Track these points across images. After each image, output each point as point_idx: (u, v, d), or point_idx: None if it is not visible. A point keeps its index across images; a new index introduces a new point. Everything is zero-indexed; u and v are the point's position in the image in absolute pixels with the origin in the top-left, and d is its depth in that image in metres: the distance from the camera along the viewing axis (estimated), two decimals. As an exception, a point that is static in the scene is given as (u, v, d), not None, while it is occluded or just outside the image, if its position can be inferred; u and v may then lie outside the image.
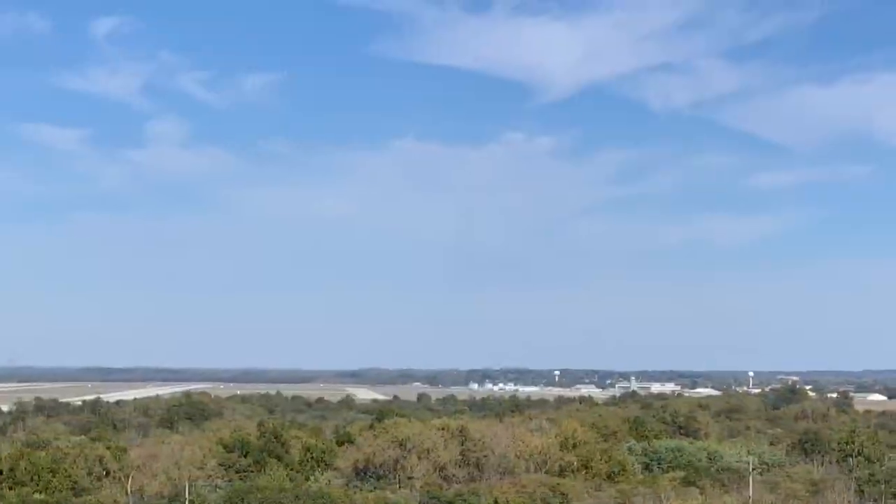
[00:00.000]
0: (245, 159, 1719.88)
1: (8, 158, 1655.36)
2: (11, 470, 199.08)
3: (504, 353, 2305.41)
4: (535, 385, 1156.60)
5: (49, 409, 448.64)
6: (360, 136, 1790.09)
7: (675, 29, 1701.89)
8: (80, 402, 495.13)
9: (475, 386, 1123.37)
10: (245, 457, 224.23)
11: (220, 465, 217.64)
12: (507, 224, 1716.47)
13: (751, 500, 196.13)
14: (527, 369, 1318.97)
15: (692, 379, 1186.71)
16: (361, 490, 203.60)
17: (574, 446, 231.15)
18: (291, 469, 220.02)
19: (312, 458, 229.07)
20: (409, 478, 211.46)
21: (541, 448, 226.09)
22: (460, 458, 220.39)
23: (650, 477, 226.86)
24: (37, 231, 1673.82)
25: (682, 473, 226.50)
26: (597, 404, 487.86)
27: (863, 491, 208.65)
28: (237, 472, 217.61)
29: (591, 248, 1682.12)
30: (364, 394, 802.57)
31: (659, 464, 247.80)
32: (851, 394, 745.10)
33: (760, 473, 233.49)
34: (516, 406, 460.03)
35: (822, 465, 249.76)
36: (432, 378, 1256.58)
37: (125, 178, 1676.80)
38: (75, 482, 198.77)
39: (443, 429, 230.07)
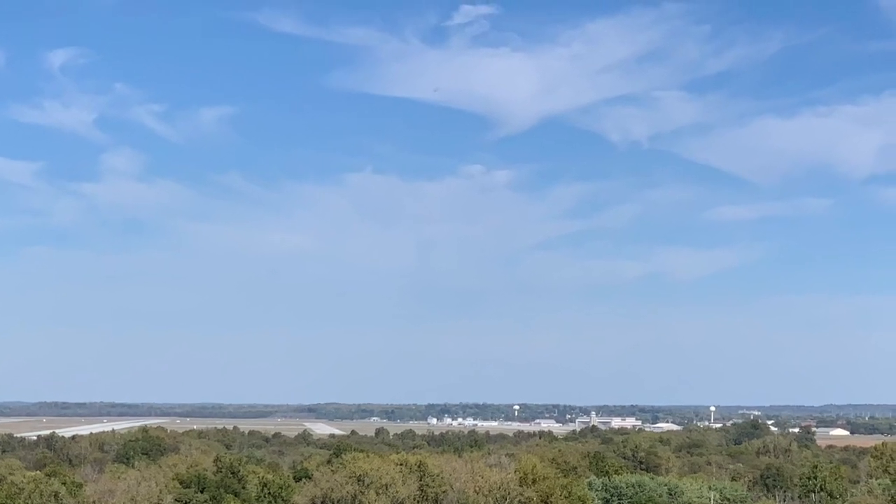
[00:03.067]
0: (200, 193, 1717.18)
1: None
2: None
3: (463, 388, 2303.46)
4: (495, 420, 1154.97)
5: (3, 444, 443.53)
6: (316, 170, 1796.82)
7: (633, 61, 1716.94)
8: (35, 437, 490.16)
9: (434, 421, 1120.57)
10: (202, 492, 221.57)
11: (176, 500, 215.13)
12: (465, 257, 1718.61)
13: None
14: (486, 404, 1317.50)
15: (653, 413, 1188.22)
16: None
17: (534, 482, 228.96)
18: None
19: (269, 493, 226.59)
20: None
21: (500, 483, 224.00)
22: (419, 493, 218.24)
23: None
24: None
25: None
26: (557, 439, 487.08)
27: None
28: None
29: (551, 281, 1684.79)
30: (321, 429, 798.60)
31: (619, 499, 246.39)
32: (814, 428, 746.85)
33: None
34: (475, 441, 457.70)
35: (784, 500, 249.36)
36: (391, 413, 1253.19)
37: (79, 212, 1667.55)
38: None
39: (401, 464, 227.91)
